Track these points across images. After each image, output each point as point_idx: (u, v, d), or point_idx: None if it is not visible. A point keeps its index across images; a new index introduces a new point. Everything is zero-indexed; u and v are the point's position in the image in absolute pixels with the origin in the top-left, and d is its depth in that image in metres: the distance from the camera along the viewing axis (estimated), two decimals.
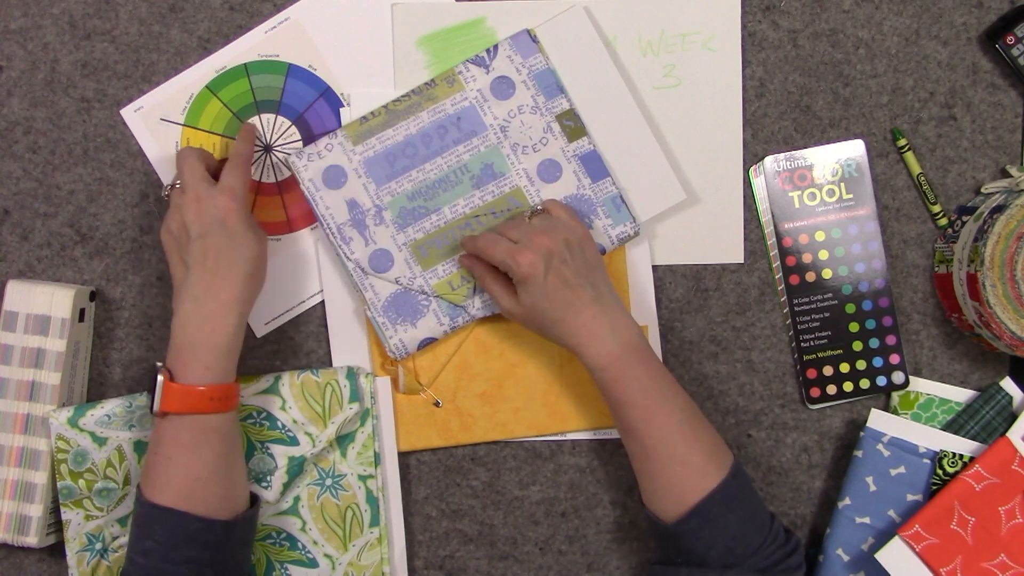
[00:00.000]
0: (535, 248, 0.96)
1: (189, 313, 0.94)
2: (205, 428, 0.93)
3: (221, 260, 0.95)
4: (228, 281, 0.95)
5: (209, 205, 0.96)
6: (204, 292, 0.94)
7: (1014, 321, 1.01)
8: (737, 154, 1.10)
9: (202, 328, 0.93)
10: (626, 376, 0.95)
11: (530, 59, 1.06)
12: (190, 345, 0.93)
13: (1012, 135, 1.11)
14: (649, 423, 0.95)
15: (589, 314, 0.96)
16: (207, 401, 0.93)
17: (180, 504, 0.92)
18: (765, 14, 1.10)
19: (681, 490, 0.93)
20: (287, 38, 1.09)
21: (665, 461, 0.94)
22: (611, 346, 0.96)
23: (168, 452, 0.92)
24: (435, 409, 1.09)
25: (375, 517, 1.07)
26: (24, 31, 1.09)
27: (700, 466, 0.93)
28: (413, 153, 1.06)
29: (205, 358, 0.93)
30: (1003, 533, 1.01)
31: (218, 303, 0.94)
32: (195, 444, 0.93)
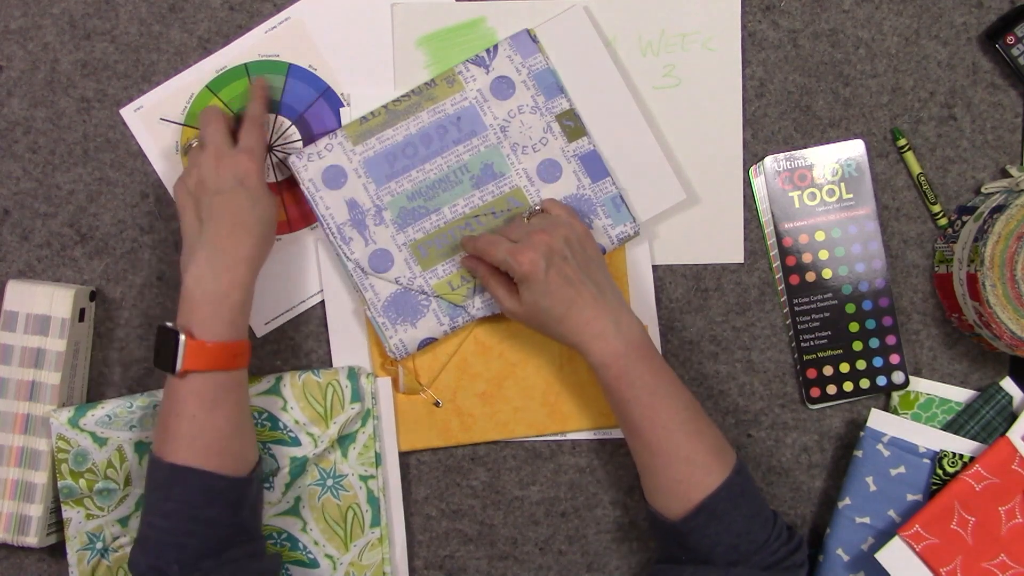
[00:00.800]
0: (535, 246, 0.96)
1: (203, 267, 0.93)
2: (226, 384, 0.94)
3: (239, 217, 0.95)
4: (244, 238, 0.95)
5: (229, 162, 0.98)
6: (220, 247, 0.94)
7: (1014, 321, 1.01)
8: (737, 154, 1.10)
9: (219, 282, 0.93)
10: (630, 373, 0.95)
11: (530, 59, 1.06)
12: (207, 300, 0.93)
13: (1012, 135, 1.11)
14: (653, 420, 0.94)
15: (592, 311, 0.96)
16: (231, 357, 0.93)
17: (202, 463, 0.92)
18: (765, 14, 1.10)
19: (686, 487, 0.93)
20: (287, 38, 1.09)
21: (669, 458, 0.94)
22: (615, 343, 0.95)
23: (191, 411, 0.92)
24: (435, 409, 1.09)
25: (376, 517, 1.07)
26: (24, 31, 1.09)
27: (705, 463, 0.93)
28: (413, 153, 1.06)
29: (225, 314, 0.93)
30: (1003, 533, 1.01)
31: (234, 258, 0.94)
32: (218, 401, 0.93)
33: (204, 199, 0.97)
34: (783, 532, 0.94)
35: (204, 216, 0.96)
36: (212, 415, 0.93)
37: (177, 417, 0.92)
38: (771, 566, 0.92)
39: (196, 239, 0.96)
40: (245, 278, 0.95)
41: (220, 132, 1.00)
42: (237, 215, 0.96)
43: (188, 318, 0.93)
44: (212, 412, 0.93)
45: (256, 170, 0.98)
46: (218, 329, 0.93)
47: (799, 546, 0.95)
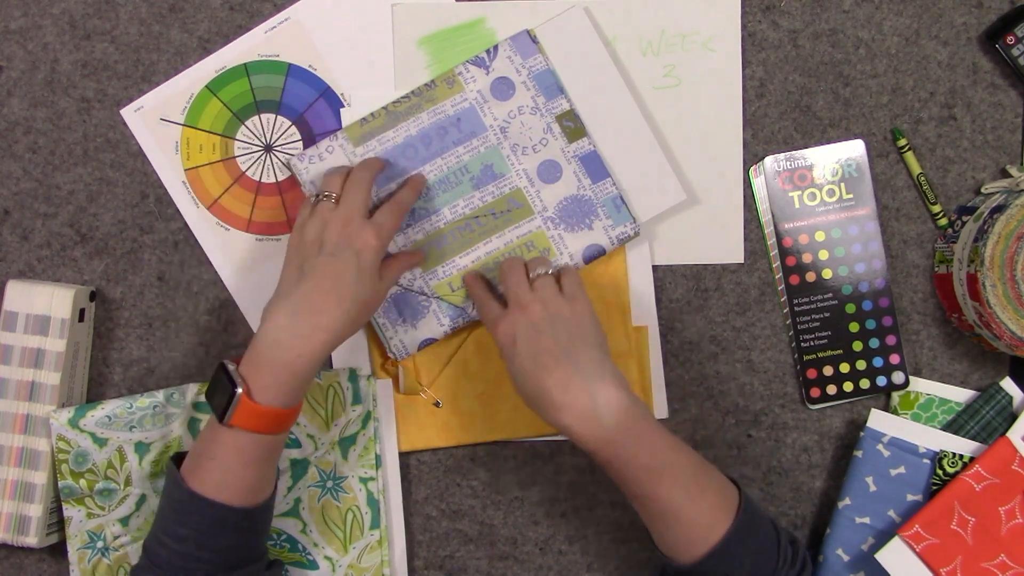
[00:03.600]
0: (513, 320, 0.94)
1: (283, 326, 0.91)
2: (267, 446, 0.92)
3: (338, 285, 0.93)
4: (334, 308, 0.92)
5: (355, 232, 0.95)
6: (307, 308, 0.91)
7: (1014, 321, 1.01)
8: (737, 154, 1.10)
9: (292, 347, 0.90)
10: (621, 457, 0.90)
11: (530, 60, 1.06)
12: (274, 364, 0.90)
13: (1012, 135, 1.10)
14: (652, 492, 0.91)
15: (566, 390, 0.91)
16: (280, 422, 0.91)
17: (224, 499, 0.91)
18: (765, 14, 1.10)
19: (692, 544, 0.91)
20: (287, 38, 1.09)
21: (672, 522, 0.91)
22: (596, 427, 0.90)
23: (227, 462, 0.91)
24: (435, 409, 1.09)
25: (376, 519, 1.07)
26: (24, 31, 1.09)
27: (708, 522, 0.91)
28: (413, 154, 1.06)
29: (287, 383, 0.90)
30: (1003, 533, 1.01)
31: (314, 327, 0.91)
32: (255, 460, 0.91)
33: (313, 256, 0.94)
34: (788, 554, 0.93)
35: (306, 271, 0.93)
36: (245, 470, 0.91)
37: (211, 460, 0.91)
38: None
39: (288, 291, 0.93)
40: (318, 351, 0.91)
41: (360, 199, 0.97)
42: (337, 282, 0.93)
43: (250, 372, 0.90)
44: (246, 468, 0.91)
45: (376, 248, 0.95)
46: (277, 396, 0.90)
47: (804, 566, 0.94)
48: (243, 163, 1.09)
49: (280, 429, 0.92)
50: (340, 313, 0.92)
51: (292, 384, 0.91)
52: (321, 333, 0.91)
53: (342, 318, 0.92)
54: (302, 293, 0.92)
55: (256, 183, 1.09)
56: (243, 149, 1.09)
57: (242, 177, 1.09)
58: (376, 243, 0.95)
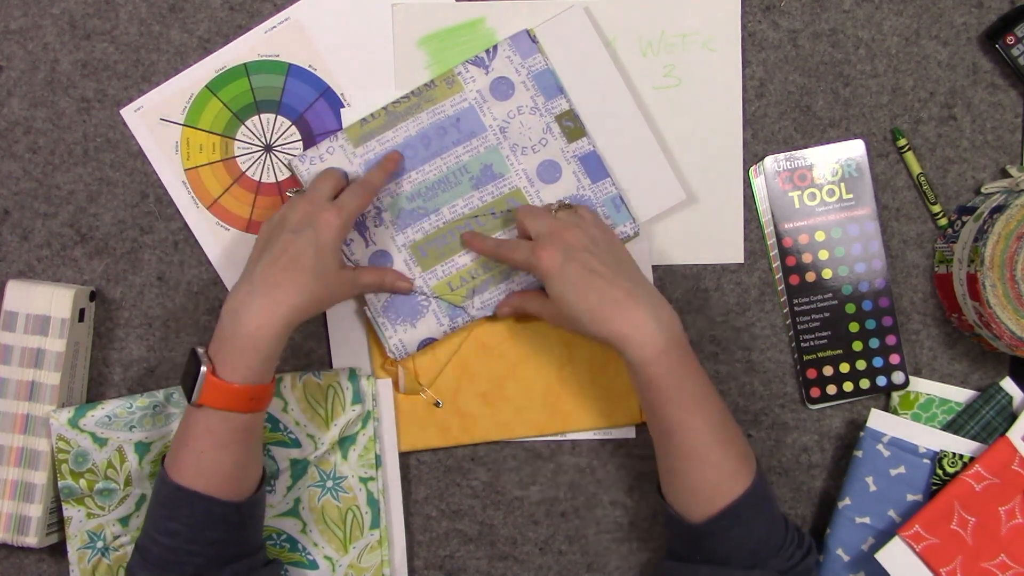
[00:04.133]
0: (554, 242, 0.95)
1: (242, 300, 0.91)
2: (239, 426, 0.92)
3: (296, 262, 0.93)
4: (292, 284, 0.92)
5: (315, 211, 0.96)
6: (264, 283, 0.92)
7: (1014, 321, 1.01)
8: (737, 154, 1.10)
9: (250, 320, 0.90)
10: (671, 373, 0.91)
11: (529, 59, 1.06)
12: (235, 338, 0.91)
13: (1012, 135, 1.10)
14: (687, 424, 0.92)
15: (628, 302, 0.92)
16: (245, 400, 0.92)
17: (207, 490, 0.91)
18: (765, 14, 1.10)
19: (712, 493, 0.92)
20: (287, 38, 1.09)
21: (699, 463, 0.92)
22: (656, 337, 0.90)
23: (201, 446, 0.91)
24: (435, 409, 1.09)
25: (376, 519, 1.07)
26: (24, 31, 1.09)
27: (733, 469, 0.92)
28: (412, 154, 1.06)
29: (248, 358, 0.91)
30: (1003, 533, 1.01)
31: (272, 300, 0.91)
32: (227, 442, 0.92)
33: (276, 235, 0.95)
34: (795, 535, 0.94)
35: (269, 248, 0.95)
36: (220, 454, 0.92)
37: (187, 447, 0.92)
38: (786, 571, 0.92)
39: (250, 268, 0.95)
40: (277, 324, 0.91)
41: (326, 186, 0.99)
42: (296, 257, 0.93)
43: (215, 351, 0.92)
44: (220, 451, 0.92)
45: (336, 226, 0.95)
46: (240, 371, 0.91)
47: (810, 550, 0.94)
48: (243, 163, 1.09)
49: (249, 408, 0.92)
50: (298, 287, 0.92)
51: (255, 358, 0.91)
52: (279, 306, 0.91)
53: (300, 291, 0.92)
54: (261, 267, 0.93)
55: (256, 183, 1.09)
56: (243, 149, 1.09)
57: (242, 177, 1.09)
58: (337, 221, 0.95)
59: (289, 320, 0.92)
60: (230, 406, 0.91)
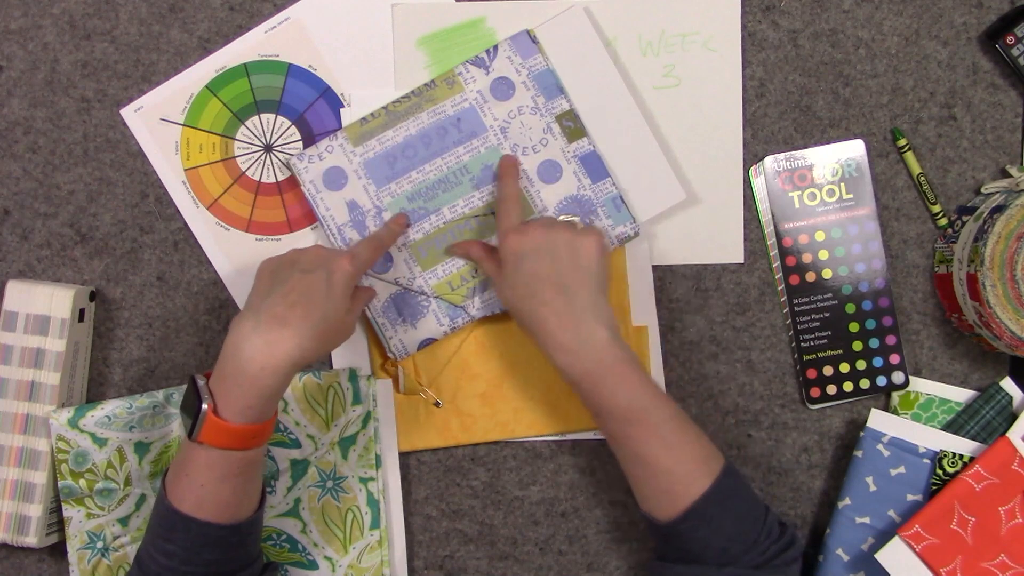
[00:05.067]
0: (525, 233, 0.96)
1: (246, 336, 0.88)
2: (240, 461, 0.90)
3: (306, 303, 0.90)
4: (300, 322, 0.89)
5: (328, 254, 0.94)
6: (271, 319, 0.88)
7: (1014, 321, 1.01)
8: (737, 154, 1.10)
9: (255, 359, 0.87)
10: (600, 391, 0.93)
11: (530, 60, 1.06)
12: (237, 377, 0.87)
13: (1012, 135, 1.10)
14: (629, 435, 0.93)
15: (556, 321, 0.93)
16: (248, 438, 0.89)
17: (205, 516, 0.90)
18: (765, 14, 1.10)
19: (671, 496, 0.93)
20: (287, 38, 1.09)
21: (649, 472, 0.93)
22: (579, 362, 0.93)
23: (200, 479, 0.89)
24: (435, 409, 1.09)
25: (376, 520, 1.07)
26: (24, 31, 1.09)
27: (687, 473, 0.92)
28: (413, 154, 1.06)
29: (250, 398, 0.88)
30: (1003, 533, 1.01)
31: (278, 338, 0.88)
32: (228, 475, 0.90)
33: (284, 272, 0.92)
34: (774, 529, 0.94)
35: (276, 284, 0.92)
36: (219, 486, 0.90)
37: (187, 477, 0.90)
38: (761, 565, 0.92)
39: (256, 303, 0.91)
40: (282, 364, 0.88)
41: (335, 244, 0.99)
42: (307, 296, 0.90)
43: (217, 385, 0.89)
44: (219, 484, 0.90)
45: (349, 273, 0.93)
46: (242, 411, 0.88)
47: (791, 543, 0.94)
48: (243, 163, 1.09)
49: (250, 445, 0.90)
50: (307, 327, 0.89)
51: (258, 399, 0.88)
52: (285, 344, 0.88)
53: (308, 333, 0.89)
54: (269, 304, 0.90)
55: (256, 183, 1.09)
56: (243, 149, 1.09)
57: (242, 177, 1.09)
58: (350, 268, 0.94)
59: (295, 361, 0.89)
60: (231, 445, 0.88)
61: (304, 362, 0.90)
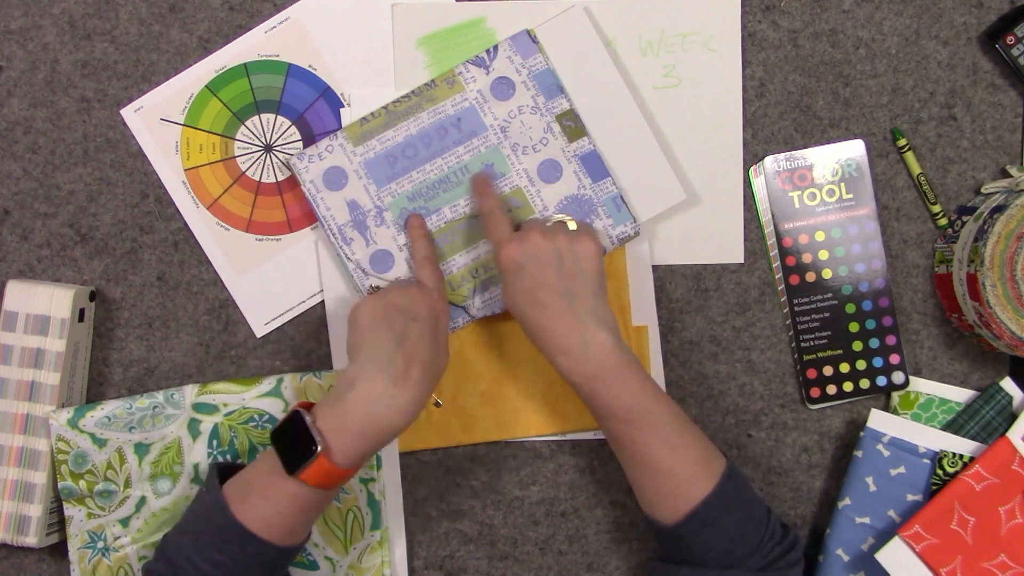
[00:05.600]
0: (523, 242, 0.96)
1: (380, 396, 0.89)
2: (323, 499, 0.91)
3: (428, 357, 0.92)
4: (423, 381, 0.91)
5: (427, 299, 0.96)
6: (401, 378, 0.90)
7: (1014, 321, 1.01)
8: (737, 154, 1.10)
9: (386, 419, 0.89)
10: (603, 394, 0.93)
11: (530, 59, 1.06)
12: (364, 433, 0.89)
13: (1012, 135, 1.11)
14: (632, 437, 0.93)
15: (559, 325, 0.94)
16: (343, 480, 0.91)
17: (269, 537, 0.90)
18: (765, 14, 1.10)
19: (673, 499, 0.93)
20: (287, 38, 1.09)
21: (651, 473, 0.93)
22: (582, 365, 0.93)
23: (280, 507, 0.90)
24: (435, 409, 1.09)
25: (376, 520, 1.07)
26: (24, 31, 1.09)
27: (688, 477, 0.92)
28: (413, 154, 1.06)
29: (371, 449, 0.90)
30: (1003, 533, 1.01)
31: (411, 400, 0.90)
32: (310, 508, 0.91)
33: (398, 321, 0.93)
34: (776, 531, 0.94)
35: (399, 335, 0.92)
36: (297, 517, 0.91)
37: (264, 500, 0.90)
38: (765, 567, 0.92)
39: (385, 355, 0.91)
40: (398, 421, 0.90)
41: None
42: (427, 350, 0.92)
43: (334, 432, 0.88)
44: (298, 515, 0.91)
45: (444, 311, 0.98)
46: (356, 459, 0.89)
47: (793, 545, 0.94)
48: (243, 163, 1.09)
49: (339, 484, 0.91)
50: (429, 381, 0.92)
51: (373, 450, 0.90)
52: (414, 405, 0.90)
53: (429, 387, 0.92)
54: (399, 361, 0.91)
55: (256, 183, 1.09)
56: (243, 149, 1.09)
57: (242, 177, 1.09)
58: (443, 305, 0.98)
59: (409, 420, 0.91)
60: (328, 485, 0.90)
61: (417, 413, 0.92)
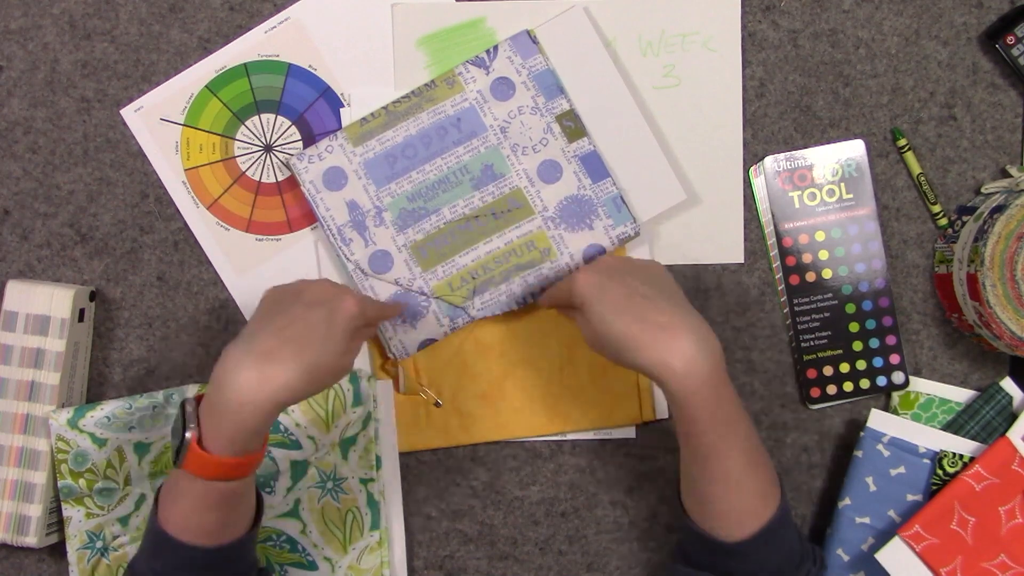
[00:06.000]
0: (593, 266, 0.92)
1: (233, 367, 0.83)
2: (225, 491, 0.85)
3: (301, 340, 0.85)
4: (292, 359, 0.83)
5: (336, 292, 0.90)
6: (261, 354, 0.83)
7: (1014, 321, 1.01)
8: (737, 154, 1.10)
9: (239, 393, 0.82)
10: (712, 402, 0.85)
11: (530, 60, 1.06)
12: (221, 410, 0.82)
13: (1012, 135, 1.10)
14: (723, 452, 0.87)
15: (671, 328, 0.85)
16: (231, 470, 0.84)
17: (192, 540, 0.87)
18: (765, 14, 1.10)
19: (744, 516, 0.88)
20: (287, 38, 1.09)
21: (732, 489, 0.88)
22: (701, 367, 0.84)
23: (185, 506, 0.86)
24: (435, 409, 1.09)
25: (376, 520, 1.07)
26: (24, 31, 1.09)
27: (764, 493, 0.89)
28: (413, 154, 1.06)
29: (233, 432, 0.82)
30: (1003, 533, 1.01)
31: (263, 375, 0.82)
32: (213, 505, 0.86)
33: (286, 301, 0.88)
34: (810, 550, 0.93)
35: (275, 315, 0.87)
36: (205, 515, 0.86)
37: (172, 501, 0.87)
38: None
39: (251, 331, 0.86)
40: (266, 403, 0.82)
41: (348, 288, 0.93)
42: (305, 333, 0.85)
43: (205, 414, 0.84)
44: (205, 512, 0.86)
45: (354, 315, 0.88)
46: (225, 444, 0.83)
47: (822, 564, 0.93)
48: (243, 163, 1.09)
49: (235, 476, 0.85)
50: (297, 366, 0.83)
51: (240, 435, 0.83)
52: (272, 383, 0.82)
53: (298, 373, 0.83)
54: (263, 336, 0.84)
55: (256, 183, 1.09)
56: (243, 149, 1.09)
57: (242, 177, 1.09)
58: (355, 310, 0.89)
59: (279, 400, 0.83)
60: (214, 475, 0.84)
61: (291, 402, 0.84)
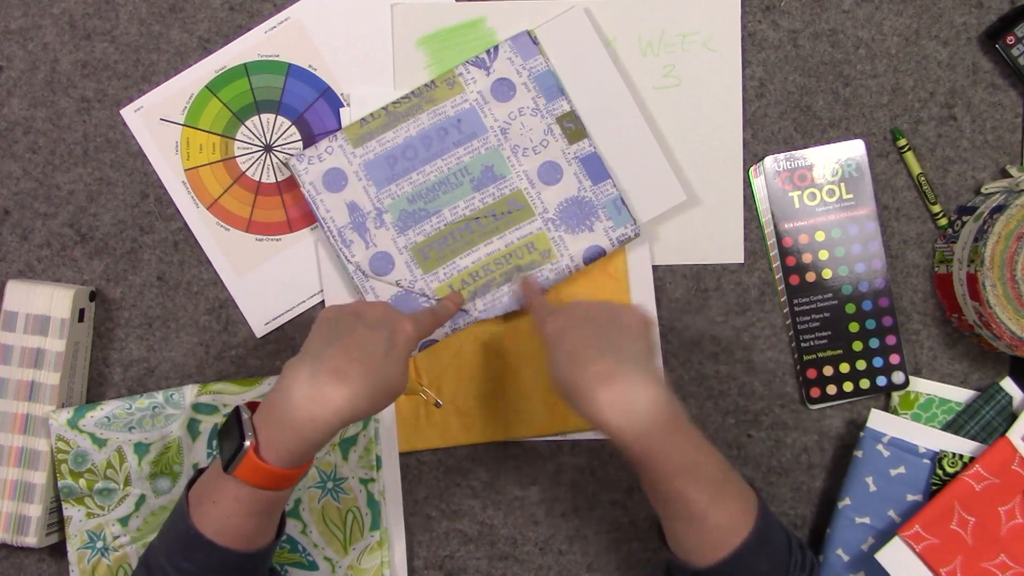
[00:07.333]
0: (563, 311, 0.93)
1: (300, 385, 0.85)
2: (269, 499, 0.87)
3: (369, 357, 0.87)
4: (358, 379, 0.86)
5: (394, 315, 0.92)
6: (328, 372, 0.85)
7: (1014, 321, 1.01)
8: (737, 154, 1.10)
9: (305, 409, 0.84)
10: (653, 455, 0.86)
11: (530, 61, 1.06)
12: (284, 423, 0.85)
13: (1012, 135, 1.11)
14: (680, 493, 0.88)
15: (610, 384, 0.87)
16: (283, 479, 0.87)
17: (227, 543, 0.88)
18: (765, 14, 1.10)
19: (711, 548, 0.89)
20: (287, 38, 1.09)
21: (696, 525, 0.89)
22: (634, 422, 0.86)
23: (227, 510, 0.87)
24: (435, 409, 1.09)
25: (376, 521, 1.07)
26: (24, 31, 1.09)
27: (729, 527, 0.89)
28: (413, 155, 1.06)
29: (295, 445, 0.85)
30: (1003, 533, 1.01)
31: (333, 392, 0.85)
32: (256, 512, 0.88)
33: (347, 323, 0.90)
34: (799, 558, 0.92)
35: (340, 333, 0.89)
36: (245, 520, 0.88)
37: (213, 504, 0.88)
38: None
39: (315, 350, 0.88)
40: (331, 419, 0.85)
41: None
42: (368, 353, 0.88)
43: (262, 425, 0.86)
44: (246, 519, 0.88)
45: (410, 337, 0.91)
46: (284, 455, 0.85)
47: (812, 570, 0.93)
48: (243, 163, 1.09)
49: (284, 487, 0.88)
50: (363, 384, 0.86)
51: (300, 447, 0.86)
52: (338, 400, 0.85)
53: (363, 391, 0.86)
54: (329, 355, 0.87)
55: (256, 183, 1.09)
56: (243, 149, 1.09)
57: (242, 177, 1.09)
58: (413, 332, 0.92)
59: (344, 418, 0.86)
60: (265, 484, 0.86)
61: (353, 420, 0.87)
